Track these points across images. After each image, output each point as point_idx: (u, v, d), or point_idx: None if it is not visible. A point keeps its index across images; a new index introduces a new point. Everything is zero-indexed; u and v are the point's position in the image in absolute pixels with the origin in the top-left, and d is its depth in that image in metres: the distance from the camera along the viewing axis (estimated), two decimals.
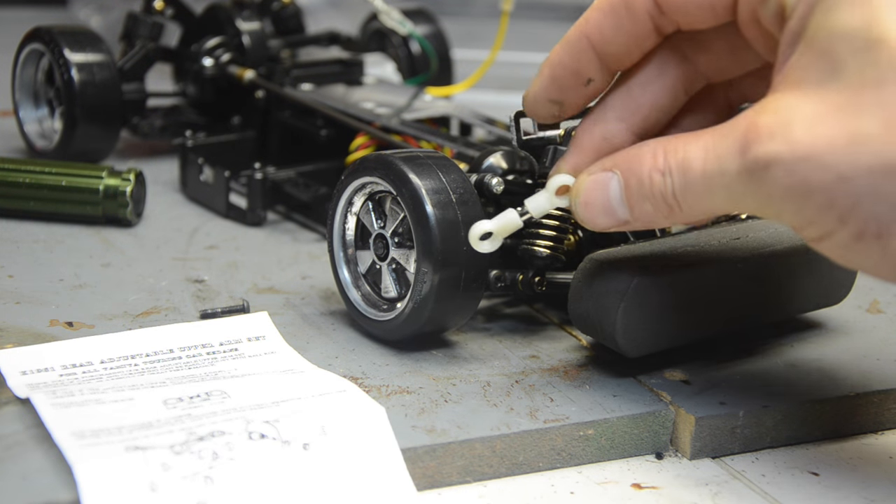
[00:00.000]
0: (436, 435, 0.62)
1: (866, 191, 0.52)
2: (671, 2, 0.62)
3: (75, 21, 1.45)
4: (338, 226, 0.73)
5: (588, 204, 0.63)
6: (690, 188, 0.59)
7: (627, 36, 0.63)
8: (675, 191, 0.59)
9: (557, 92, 0.65)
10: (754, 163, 0.55)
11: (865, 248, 0.54)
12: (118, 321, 0.73)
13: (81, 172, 0.88)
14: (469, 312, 0.70)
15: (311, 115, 0.97)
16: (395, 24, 1.12)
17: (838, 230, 0.54)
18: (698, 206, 0.59)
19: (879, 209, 0.52)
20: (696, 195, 0.59)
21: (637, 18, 0.63)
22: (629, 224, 0.62)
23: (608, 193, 0.62)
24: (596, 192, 0.62)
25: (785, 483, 0.64)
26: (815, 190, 0.53)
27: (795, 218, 0.55)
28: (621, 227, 0.63)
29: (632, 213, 0.62)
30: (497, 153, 0.75)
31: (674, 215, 0.61)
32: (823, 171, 0.53)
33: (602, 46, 0.64)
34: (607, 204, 0.62)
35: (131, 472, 0.55)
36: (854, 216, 0.53)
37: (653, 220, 0.62)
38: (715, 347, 0.72)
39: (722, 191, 0.57)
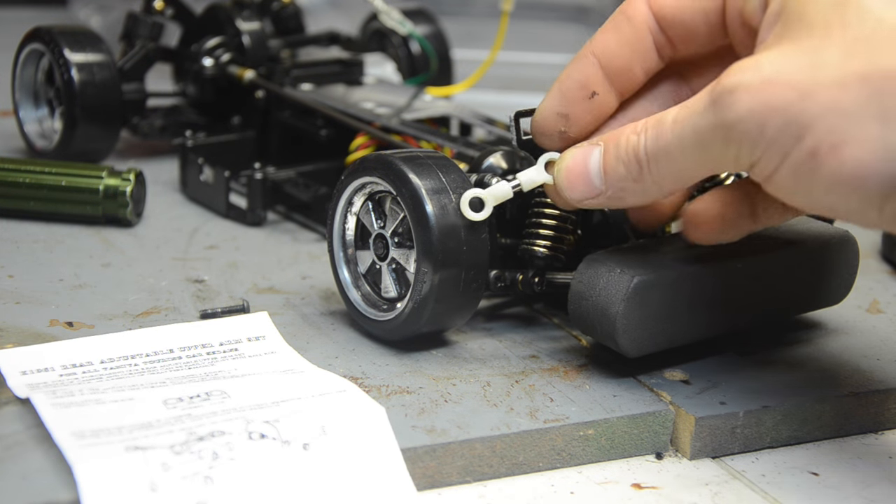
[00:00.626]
0: (436, 435, 0.62)
1: (826, 105, 0.55)
2: (667, 11, 0.65)
3: (75, 21, 1.45)
4: (338, 226, 0.73)
5: (569, 171, 0.65)
6: (661, 140, 0.61)
7: (630, 49, 0.66)
8: (646, 146, 0.61)
9: (563, 105, 0.67)
10: (720, 91, 0.57)
11: (817, 166, 0.56)
12: (118, 321, 0.73)
13: (81, 172, 0.88)
14: (469, 312, 0.70)
15: (311, 115, 0.97)
16: (395, 24, 1.12)
17: (793, 150, 0.56)
18: (667, 163, 0.61)
19: (836, 122, 0.55)
20: (665, 146, 0.61)
21: (638, 31, 0.66)
22: (602, 195, 0.64)
23: (588, 162, 0.64)
24: (578, 161, 0.65)
25: (785, 483, 0.64)
26: (776, 109, 0.56)
27: (754, 146, 0.57)
28: (595, 200, 0.65)
29: (605, 178, 0.64)
30: (497, 153, 0.75)
31: (643, 178, 0.62)
32: (786, 90, 0.56)
33: (606, 60, 0.66)
34: (585, 173, 0.64)
35: (131, 472, 0.55)
36: (811, 131, 0.55)
37: (623, 188, 0.63)
38: (715, 347, 0.72)
39: (690, 136, 0.59)
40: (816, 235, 0.73)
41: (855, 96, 0.55)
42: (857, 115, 0.55)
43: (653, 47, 0.66)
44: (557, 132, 0.67)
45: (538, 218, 0.72)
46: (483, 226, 0.68)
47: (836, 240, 0.74)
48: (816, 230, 0.74)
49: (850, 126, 0.55)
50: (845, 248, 0.74)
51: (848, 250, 0.74)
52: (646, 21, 0.66)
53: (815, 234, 0.74)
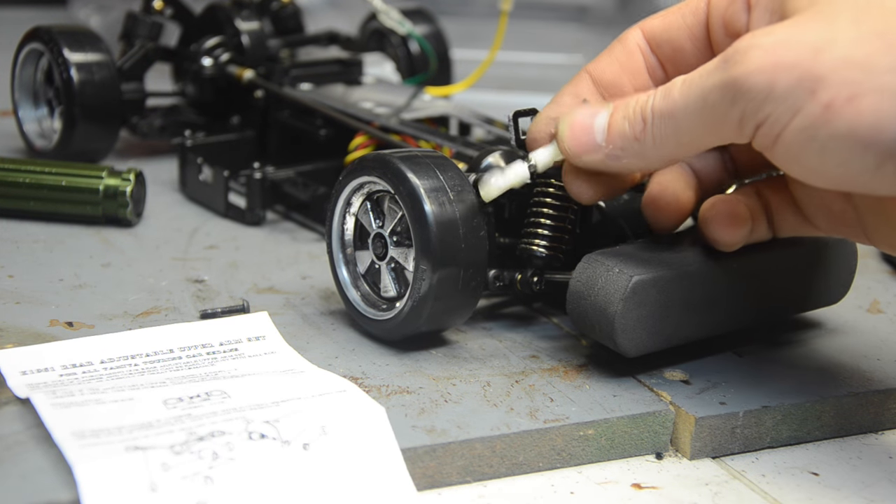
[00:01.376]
0: (436, 435, 0.62)
1: (841, 58, 0.56)
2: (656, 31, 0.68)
3: (75, 21, 1.45)
4: (336, 226, 0.73)
5: (573, 124, 0.65)
6: (668, 99, 0.61)
7: (619, 65, 0.69)
8: (653, 105, 0.62)
9: (555, 110, 0.69)
10: (732, 51, 0.58)
11: (831, 119, 0.56)
12: (118, 321, 0.73)
13: (81, 172, 0.88)
14: (468, 311, 0.70)
15: (310, 115, 0.97)
16: (394, 24, 1.12)
17: (806, 104, 0.56)
18: (670, 121, 0.61)
19: (853, 74, 0.55)
20: (671, 105, 0.61)
21: (628, 50, 0.69)
22: (600, 151, 0.64)
23: (594, 119, 0.65)
24: (584, 115, 0.65)
25: (785, 483, 0.64)
26: (789, 64, 0.56)
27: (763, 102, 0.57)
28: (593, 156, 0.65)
29: (608, 134, 0.64)
30: (496, 153, 0.75)
31: (644, 137, 0.62)
32: (799, 47, 0.56)
33: (597, 74, 0.69)
34: (589, 126, 0.65)
35: (131, 472, 0.55)
36: (825, 84, 0.56)
37: (623, 147, 0.63)
38: (714, 347, 0.72)
39: (696, 94, 0.60)
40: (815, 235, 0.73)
41: (871, 50, 0.55)
42: (874, 67, 0.55)
43: (644, 68, 0.68)
44: (549, 135, 0.68)
45: (537, 217, 0.72)
46: (482, 223, 0.68)
47: (835, 240, 0.74)
48: None
49: (867, 77, 0.55)
50: (843, 248, 0.74)
51: (846, 250, 0.74)
52: (636, 42, 0.68)
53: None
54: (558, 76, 1.36)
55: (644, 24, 0.69)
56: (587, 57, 1.38)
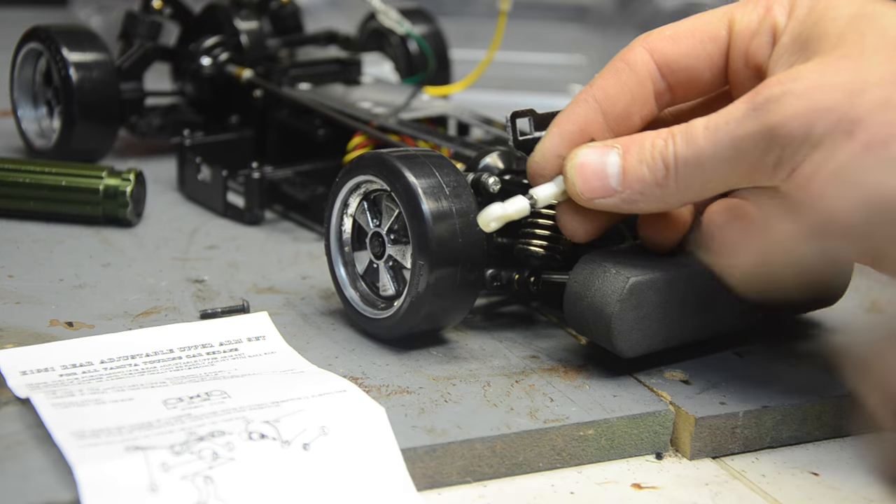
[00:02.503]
0: (436, 435, 0.62)
1: (877, 101, 0.56)
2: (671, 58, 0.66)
3: (75, 21, 1.45)
4: (334, 227, 0.73)
5: (583, 167, 0.64)
6: (692, 146, 0.60)
7: (630, 96, 0.66)
8: (675, 151, 0.61)
9: (563, 147, 0.67)
10: (765, 98, 0.58)
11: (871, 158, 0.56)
12: (118, 321, 0.73)
13: (81, 172, 0.88)
14: (465, 309, 0.70)
15: (309, 115, 0.97)
16: (393, 24, 1.12)
17: (844, 145, 0.56)
18: (697, 169, 0.61)
19: (889, 115, 0.56)
20: (697, 152, 0.60)
21: (639, 78, 0.66)
22: (616, 196, 0.63)
23: (605, 159, 0.63)
24: (593, 158, 0.64)
25: (785, 483, 0.64)
26: (825, 109, 0.57)
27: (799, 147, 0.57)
28: (608, 200, 0.64)
29: (624, 179, 0.63)
30: (494, 153, 0.75)
31: (667, 183, 0.62)
32: (833, 92, 0.57)
33: (607, 106, 0.66)
34: (601, 170, 0.63)
35: (131, 472, 0.55)
36: (863, 126, 0.56)
37: (643, 192, 0.63)
38: (714, 347, 0.72)
39: (726, 142, 0.59)
40: None
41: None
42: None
43: (652, 95, 0.67)
44: (555, 174, 0.67)
45: (535, 218, 0.72)
46: None
47: None
48: None
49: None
50: None
51: None
52: (647, 68, 0.66)
53: None
54: (558, 76, 1.36)
55: (652, 47, 0.66)
56: (587, 57, 1.38)
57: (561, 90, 1.33)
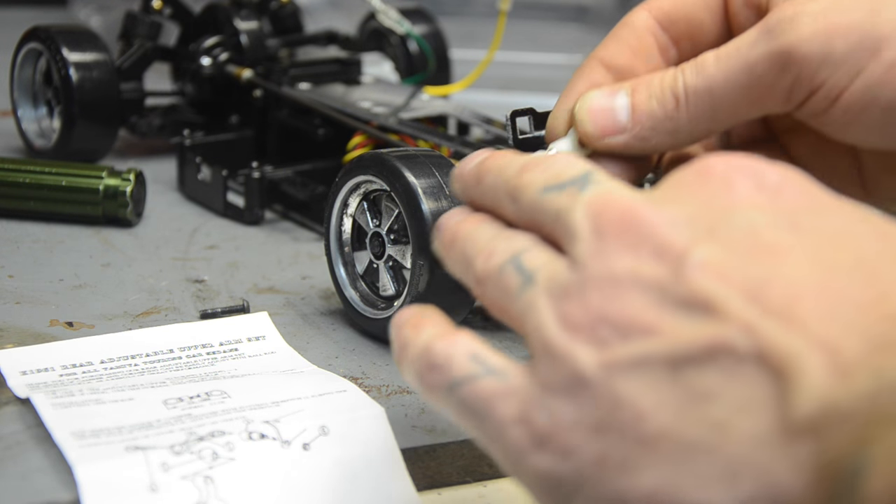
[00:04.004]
0: (436, 435, 0.62)
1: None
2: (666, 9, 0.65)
3: (75, 21, 1.45)
4: (334, 227, 0.73)
5: (592, 107, 0.63)
6: (703, 74, 0.59)
7: (631, 52, 0.65)
8: (685, 81, 0.60)
9: (571, 100, 0.65)
10: (778, 20, 0.56)
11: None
12: (118, 321, 0.73)
13: (81, 172, 0.88)
14: (466, 308, 0.70)
15: (309, 115, 0.97)
16: (393, 24, 1.12)
17: (869, 64, 0.55)
18: (708, 97, 0.59)
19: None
20: (708, 80, 0.59)
21: (638, 34, 0.65)
22: (627, 132, 0.62)
23: (614, 98, 0.62)
24: (601, 98, 0.63)
25: None
26: (846, 27, 0.55)
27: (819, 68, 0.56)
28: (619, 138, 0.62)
29: (634, 115, 0.62)
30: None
31: (678, 115, 0.60)
32: (853, 10, 0.55)
33: (609, 61, 0.65)
34: (610, 108, 0.62)
35: (131, 472, 0.55)
36: (889, 44, 0.55)
37: (653, 127, 0.61)
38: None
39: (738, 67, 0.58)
40: None
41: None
42: None
43: (655, 49, 0.65)
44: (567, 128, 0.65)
45: None
46: None
47: None
48: None
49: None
50: None
51: None
52: (645, 24, 0.65)
53: None
54: (558, 76, 1.36)
55: (650, 5, 0.66)
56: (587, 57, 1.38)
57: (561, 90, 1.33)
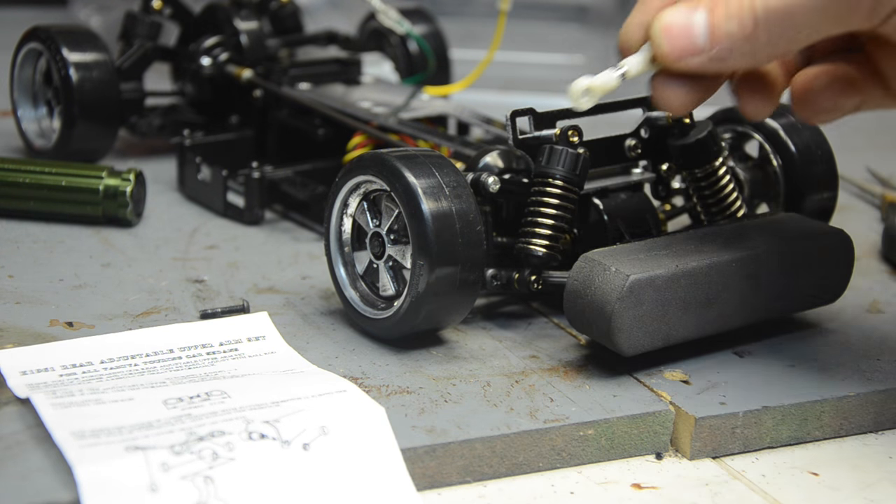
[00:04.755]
0: (436, 435, 0.62)
1: None
2: None
3: (75, 21, 1.45)
4: (334, 227, 0.73)
5: (669, 26, 0.62)
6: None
7: None
8: (765, 2, 0.59)
9: (644, 13, 0.64)
10: None
11: None
12: (118, 321, 0.73)
13: (81, 172, 0.88)
14: (465, 309, 0.70)
15: (309, 115, 0.97)
16: (393, 24, 1.12)
17: None
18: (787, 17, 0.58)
19: None
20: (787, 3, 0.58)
21: None
22: (705, 53, 0.61)
23: (692, 18, 0.61)
24: (679, 17, 0.62)
25: (785, 483, 0.64)
26: None
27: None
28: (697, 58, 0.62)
29: (712, 35, 0.61)
30: (493, 152, 0.75)
31: (756, 35, 0.60)
32: None
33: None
34: (688, 28, 0.61)
35: (131, 472, 0.55)
36: None
37: (732, 48, 0.61)
38: (713, 347, 0.72)
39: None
40: (812, 234, 0.74)
41: None
42: None
43: None
44: (639, 41, 0.65)
45: (535, 216, 0.72)
46: (479, 220, 0.68)
47: (832, 238, 0.74)
48: (812, 229, 0.74)
49: None
50: (841, 247, 0.74)
51: (843, 249, 0.74)
52: None
53: (811, 233, 0.74)
54: (558, 76, 1.36)
55: None
56: (587, 57, 1.38)
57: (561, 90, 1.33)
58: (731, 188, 0.78)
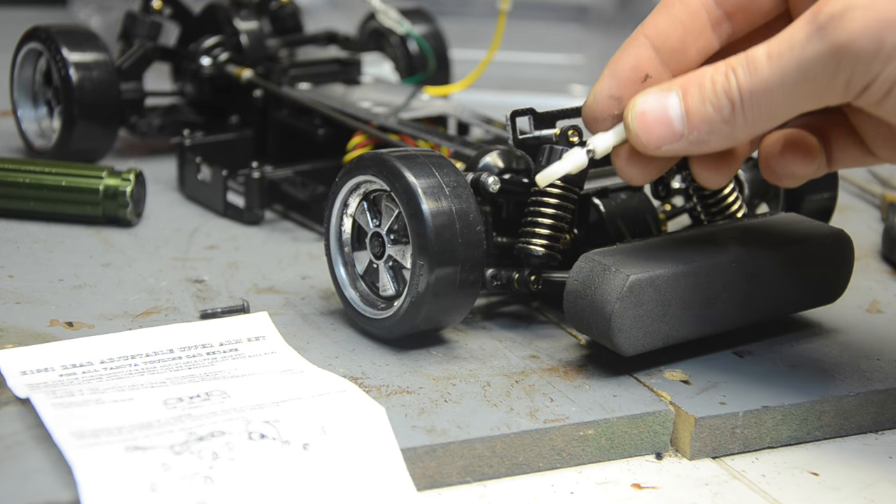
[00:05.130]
0: (436, 435, 0.62)
1: None
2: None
3: (75, 21, 1.45)
4: (334, 227, 0.73)
5: (644, 115, 0.62)
6: (757, 76, 0.58)
7: (682, 28, 0.64)
8: (739, 84, 0.59)
9: (616, 87, 0.64)
10: (828, 16, 0.56)
11: None
12: (118, 321, 0.73)
13: (81, 172, 0.88)
14: (465, 309, 0.70)
15: (309, 115, 0.97)
16: (393, 24, 1.12)
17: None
18: (765, 99, 0.58)
19: None
20: (763, 82, 0.58)
21: (690, 8, 0.64)
22: (684, 139, 0.61)
23: (665, 103, 0.61)
24: (653, 104, 0.62)
25: (785, 483, 0.64)
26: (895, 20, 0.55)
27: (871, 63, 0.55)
28: (675, 145, 0.61)
29: (689, 121, 0.61)
30: (493, 152, 0.75)
31: (734, 118, 0.60)
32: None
33: (659, 41, 0.64)
34: (664, 115, 0.61)
35: (131, 472, 0.55)
36: None
37: (711, 131, 0.60)
38: (713, 347, 0.72)
39: (793, 67, 0.57)
40: (811, 234, 0.74)
41: None
42: None
43: (707, 25, 0.64)
44: (610, 116, 0.65)
45: (535, 217, 0.72)
46: (479, 220, 0.68)
47: (832, 238, 0.74)
48: (812, 229, 0.74)
49: None
50: (841, 247, 0.74)
51: (843, 249, 0.74)
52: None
53: (811, 233, 0.74)
54: (558, 76, 1.36)
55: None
56: (587, 57, 1.38)
57: (561, 90, 1.33)
58: (731, 188, 0.78)
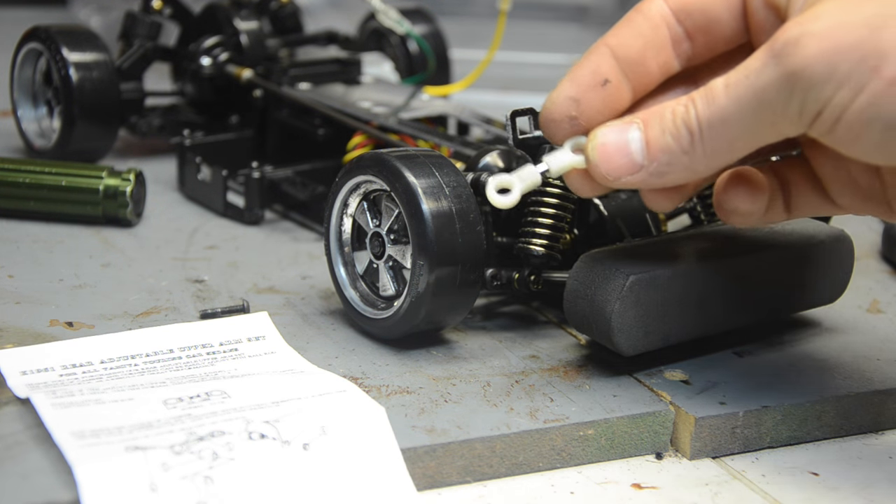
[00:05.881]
0: (436, 435, 0.62)
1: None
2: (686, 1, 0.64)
3: (75, 21, 1.45)
4: (334, 227, 0.73)
5: (604, 147, 0.62)
6: (714, 105, 0.59)
7: (643, 41, 0.64)
8: (698, 114, 0.59)
9: (575, 90, 0.64)
10: (783, 44, 0.56)
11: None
12: (118, 321, 0.73)
13: (81, 172, 0.88)
14: (466, 309, 0.70)
15: (309, 115, 0.97)
16: (393, 24, 1.12)
17: (870, 82, 0.55)
18: (722, 129, 0.59)
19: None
20: (721, 112, 0.58)
21: (652, 23, 0.64)
22: (644, 170, 0.61)
23: (626, 136, 0.61)
24: (613, 136, 0.62)
25: (785, 483, 0.64)
26: (848, 46, 0.55)
27: (823, 88, 0.56)
28: (635, 177, 0.62)
29: (649, 151, 0.61)
30: (493, 152, 0.76)
31: (693, 149, 0.60)
32: (855, 28, 0.55)
33: (620, 51, 0.64)
34: (623, 147, 0.61)
35: (131, 472, 0.55)
36: (889, 61, 0.55)
37: (670, 162, 0.61)
38: (713, 347, 0.72)
39: (749, 95, 0.57)
40: (811, 234, 0.74)
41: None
42: None
43: (668, 41, 0.64)
44: (568, 117, 0.64)
45: (535, 217, 0.72)
46: (479, 219, 0.68)
47: (832, 239, 0.74)
48: (811, 229, 0.74)
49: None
50: (840, 247, 0.74)
51: (843, 249, 0.74)
52: (661, 13, 0.64)
53: (810, 233, 0.74)
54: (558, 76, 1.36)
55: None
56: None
57: None
58: None
